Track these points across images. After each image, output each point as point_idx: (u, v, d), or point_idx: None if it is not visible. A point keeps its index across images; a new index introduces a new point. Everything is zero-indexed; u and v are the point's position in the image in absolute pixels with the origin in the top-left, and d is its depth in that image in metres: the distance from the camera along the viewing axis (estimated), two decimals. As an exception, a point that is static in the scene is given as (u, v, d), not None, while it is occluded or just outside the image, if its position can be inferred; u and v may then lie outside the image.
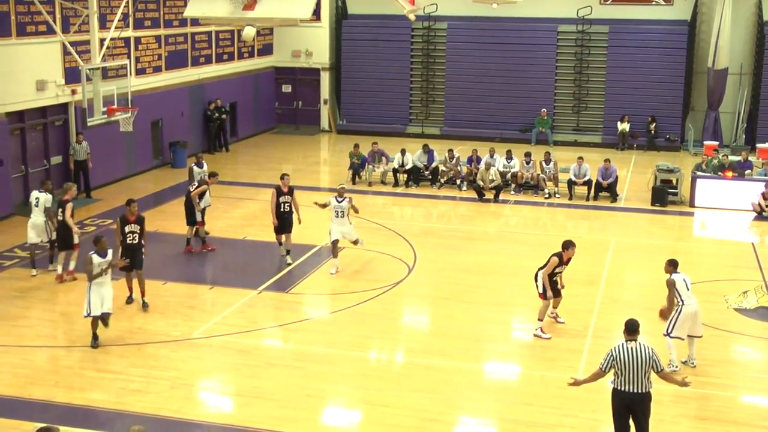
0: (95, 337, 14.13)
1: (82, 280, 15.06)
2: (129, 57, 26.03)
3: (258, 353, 14.17)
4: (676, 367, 13.44)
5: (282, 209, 18.60)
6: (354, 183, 26.57)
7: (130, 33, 26.33)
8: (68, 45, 21.85)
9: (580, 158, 25.59)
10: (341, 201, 18.42)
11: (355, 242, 18.79)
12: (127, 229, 15.93)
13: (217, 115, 31.10)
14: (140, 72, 27.13)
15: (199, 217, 19.52)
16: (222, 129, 31.75)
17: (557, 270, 15.06)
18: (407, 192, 25.90)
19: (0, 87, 21.32)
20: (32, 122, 23.05)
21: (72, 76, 23.40)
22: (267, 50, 35.98)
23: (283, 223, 18.67)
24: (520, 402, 12.59)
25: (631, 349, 10.38)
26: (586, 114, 34.06)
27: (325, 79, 36.22)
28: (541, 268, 15.10)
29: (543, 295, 14.98)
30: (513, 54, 33.85)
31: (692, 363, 13.75)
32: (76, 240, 17.66)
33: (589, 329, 15.32)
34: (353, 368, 13.65)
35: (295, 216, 18.81)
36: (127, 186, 25.44)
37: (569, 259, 15.20)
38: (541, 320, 15.01)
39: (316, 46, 35.93)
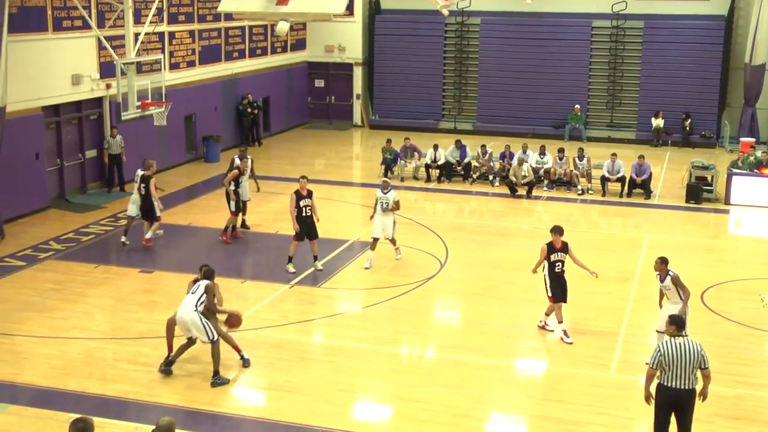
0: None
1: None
2: (163, 51, 26.21)
3: (290, 347, 14.22)
4: None
5: (304, 213, 17.45)
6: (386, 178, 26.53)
7: (164, 28, 26.51)
8: (103, 40, 22.05)
9: (614, 154, 25.40)
10: (386, 193, 18.44)
11: (393, 242, 18.60)
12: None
13: (249, 110, 31.22)
14: (174, 66, 27.31)
15: (232, 207, 19.58)
16: (255, 124, 31.88)
17: (554, 258, 14.76)
18: (439, 187, 25.87)
19: (36, 81, 21.54)
20: (67, 116, 23.29)
21: (107, 70, 23.61)
22: (300, 45, 36.07)
23: (308, 228, 17.59)
24: (551, 399, 12.54)
25: (680, 344, 10.27)
26: (620, 110, 33.81)
27: (357, 74, 36.24)
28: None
29: (551, 297, 14.75)
30: (547, 49, 33.67)
31: None
32: (158, 212, 19.01)
33: (621, 327, 15.23)
34: (384, 363, 13.67)
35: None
36: (160, 180, 25.50)
37: (564, 246, 14.87)
38: (561, 322, 14.84)
39: (349, 41, 35.97)
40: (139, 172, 19.36)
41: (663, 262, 13.49)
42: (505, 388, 12.99)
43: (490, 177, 26.11)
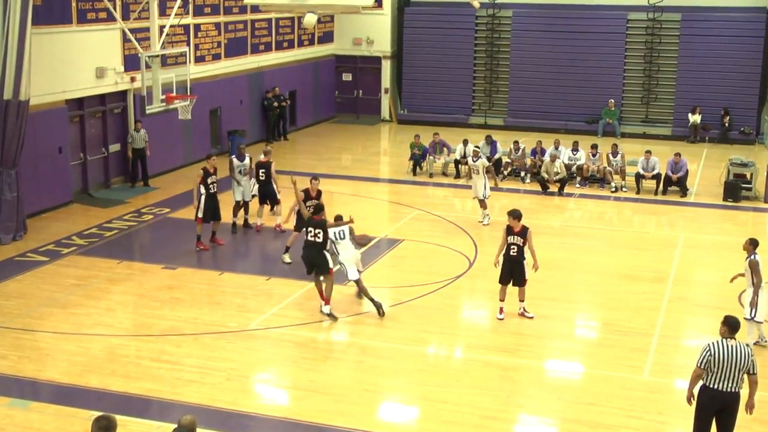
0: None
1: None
2: (188, 44, 26.33)
3: (315, 346, 14.25)
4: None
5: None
6: (414, 174, 26.57)
7: (189, 20, 26.63)
8: (128, 32, 22.16)
9: (649, 151, 25.21)
10: (476, 161, 21.18)
11: (482, 201, 21.10)
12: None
13: (276, 104, 31.30)
14: (199, 59, 27.43)
15: (199, 213, 18.65)
16: (281, 118, 31.97)
17: (510, 241, 15.27)
18: (469, 184, 25.72)
19: (60, 74, 21.71)
20: (91, 110, 23.45)
21: (131, 63, 23.75)
22: (327, 38, 36.12)
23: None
24: (582, 401, 12.47)
25: (731, 347, 10.15)
26: (656, 105, 33.55)
27: (386, 67, 36.24)
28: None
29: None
30: (580, 42, 33.49)
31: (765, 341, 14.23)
32: (278, 195, 19.94)
33: (655, 328, 15.10)
34: (411, 363, 13.65)
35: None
36: (184, 175, 25.75)
37: (522, 230, 15.19)
38: (502, 300, 15.38)
39: (377, 34, 35.97)
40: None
41: (751, 243, 14.10)
42: (535, 389, 12.93)
43: (521, 173, 26.02)
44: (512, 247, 15.26)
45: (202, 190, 18.67)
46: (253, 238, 20.11)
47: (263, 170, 19.98)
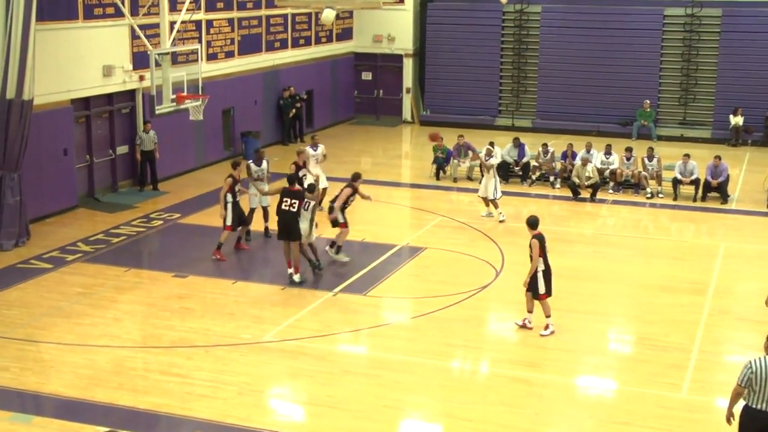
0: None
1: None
2: (200, 41, 26.44)
3: (332, 359, 14.25)
4: None
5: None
6: (438, 179, 26.55)
7: (201, 16, 26.75)
8: (137, 28, 22.28)
9: (687, 155, 25.09)
10: (489, 159, 21.99)
11: (493, 202, 22.00)
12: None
13: (294, 103, 31.33)
14: (212, 57, 27.54)
15: (228, 221, 18.85)
16: (297, 118, 32.04)
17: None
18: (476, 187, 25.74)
19: (65, 72, 21.84)
20: (98, 110, 23.57)
21: (140, 61, 23.87)
22: (346, 35, 36.19)
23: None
24: (616, 421, 12.40)
25: None
26: (695, 106, 33.38)
27: (408, 66, 36.24)
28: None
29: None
30: (613, 40, 33.37)
31: None
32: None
33: (694, 343, 15.00)
34: (434, 378, 13.62)
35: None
36: (196, 178, 25.87)
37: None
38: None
39: (399, 30, 35.98)
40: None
41: None
42: (566, 407, 12.87)
43: (551, 178, 25.95)
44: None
45: (229, 198, 18.79)
46: (269, 245, 20.13)
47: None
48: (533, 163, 26.33)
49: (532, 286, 15.16)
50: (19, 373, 13.45)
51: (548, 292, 15.18)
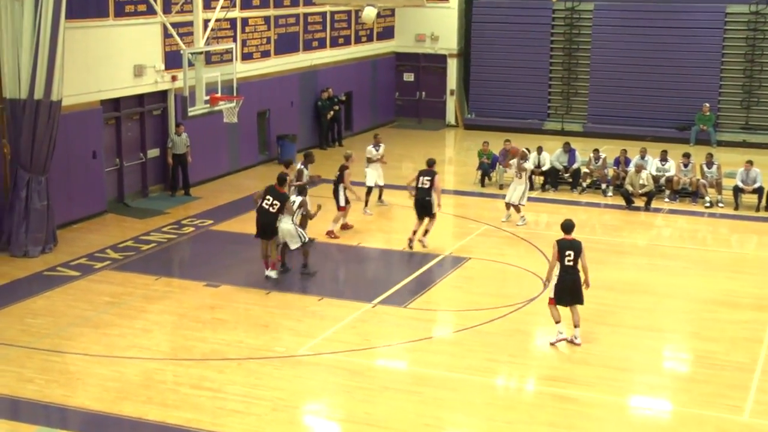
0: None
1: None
2: (235, 40, 26.59)
3: (371, 375, 14.22)
4: None
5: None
6: (483, 185, 26.49)
7: (236, 13, 26.90)
8: (169, 27, 22.44)
9: (750, 162, 24.82)
10: (524, 162, 22.31)
11: (516, 207, 22.11)
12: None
13: (332, 106, 31.38)
14: (247, 57, 27.69)
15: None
16: (335, 121, 32.10)
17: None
18: (543, 197, 25.62)
19: (95, 72, 22.05)
20: (128, 111, 23.77)
21: (173, 60, 24.04)
22: (388, 34, 36.23)
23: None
24: (673, 444, 12.26)
25: None
26: (758, 110, 33.03)
27: (452, 66, 36.23)
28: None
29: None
30: (671, 39, 33.12)
31: None
32: (342, 203, 21.19)
33: (757, 363, 14.79)
34: (478, 396, 13.55)
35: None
36: (229, 183, 25.99)
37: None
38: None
39: (443, 29, 35.98)
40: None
41: None
42: (618, 429, 12.74)
43: (603, 186, 25.79)
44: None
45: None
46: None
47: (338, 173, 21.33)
48: (584, 169, 26.18)
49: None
50: (45, 386, 13.55)
51: (556, 299, 15.33)
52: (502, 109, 35.13)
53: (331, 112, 31.53)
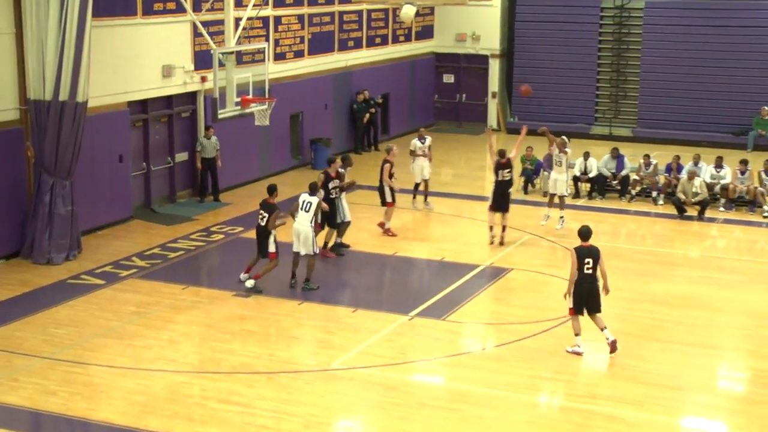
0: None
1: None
2: (267, 40, 26.71)
3: (407, 390, 14.20)
4: None
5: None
6: (526, 192, 26.42)
7: (269, 12, 27.03)
8: (199, 25, 22.56)
9: (812, 168, 24.63)
10: (561, 153, 22.44)
11: (561, 199, 22.55)
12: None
13: (368, 108, 31.42)
14: (279, 57, 27.81)
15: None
16: (372, 125, 32.14)
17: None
18: (590, 204, 25.52)
19: (122, 72, 22.22)
20: (156, 113, 23.93)
21: (202, 60, 24.19)
22: (426, 33, 36.25)
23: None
24: (727, 467, 12.15)
25: None
26: (820, 114, 32.72)
27: (494, 68, 36.21)
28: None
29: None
30: (726, 39, 32.90)
31: None
32: (388, 198, 21.86)
33: (820, 382, 14.67)
34: (520, 414, 13.51)
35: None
36: (260, 189, 25.91)
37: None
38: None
39: (484, 28, 35.98)
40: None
41: None
42: (669, 451, 12.66)
43: (654, 194, 25.64)
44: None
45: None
46: (338, 262, 20.20)
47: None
48: (633, 176, 26.06)
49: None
50: (68, 398, 13.66)
51: (574, 307, 15.41)
52: (547, 113, 34.94)
53: (367, 115, 31.57)
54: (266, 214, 17.82)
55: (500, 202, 21.37)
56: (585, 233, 15.66)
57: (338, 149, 29.86)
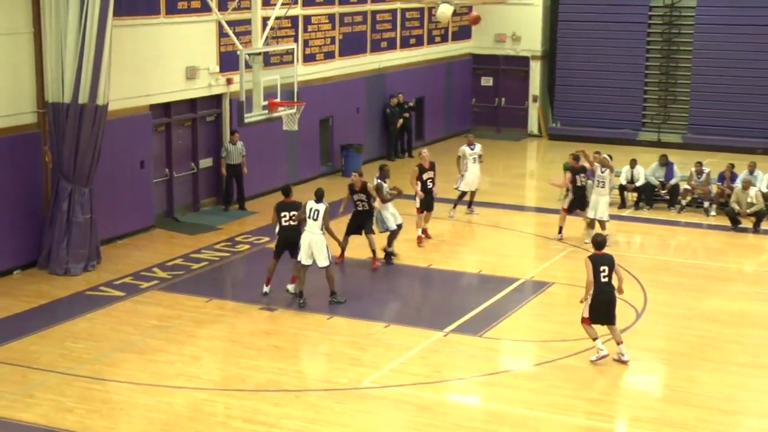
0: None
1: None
2: (296, 40, 26.81)
3: (442, 411, 14.17)
4: None
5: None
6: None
7: (298, 11, 27.13)
8: (225, 25, 22.64)
9: None
10: (604, 172, 22.41)
11: (602, 224, 22.20)
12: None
13: (402, 113, 31.42)
14: (309, 58, 27.90)
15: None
16: (406, 130, 32.14)
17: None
18: (637, 215, 25.40)
19: (144, 74, 22.36)
20: (179, 117, 24.06)
21: (228, 62, 24.32)
22: (464, 33, 36.26)
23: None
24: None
25: None
26: None
27: (535, 70, 36.16)
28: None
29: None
30: (785, 40, 32.76)
31: None
32: (417, 204, 22.23)
33: None
34: (562, 437, 13.45)
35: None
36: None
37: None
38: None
39: (525, 28, 35.94)
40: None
41: None
42: (721, 478, 12.55)
43: (705, 204, 25.51)
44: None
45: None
46: (370, 274, 20.21)
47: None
48: (684, 185, 25.90)
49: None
50: (85, 416, 13.71)
51: (592, 317, 15.67)
52: (591, 118, 34.91)
53: (401, 120, 31.57)
54: (294, 212, 18.29)
55: (583, 202, 22.58)
56: (600, 242, 15.95)
57: (370, 155, 29.93)
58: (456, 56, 35.92)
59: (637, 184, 26.00)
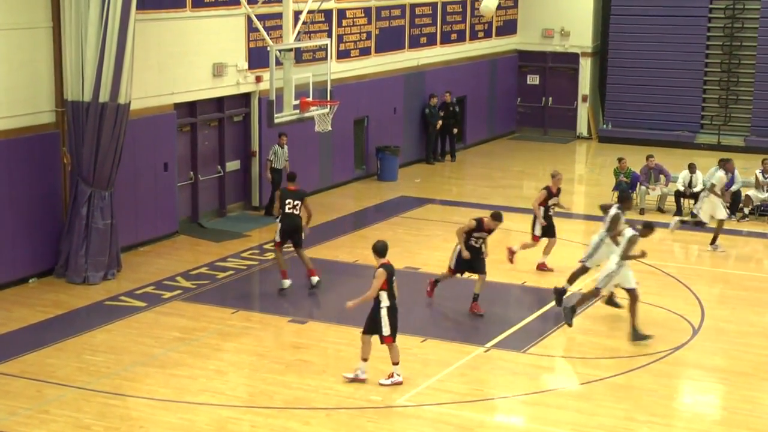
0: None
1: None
2: (330, 35, 26.88)
3: (483, 431, 14.16)
4: None
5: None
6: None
7: (332, 4, 27.20)
8: (255, 19, 22.74)
9: None
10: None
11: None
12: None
13: (443, 113, 31.45)
14: (343, 55, 27.97)
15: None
16: (447, 132, 32.12)
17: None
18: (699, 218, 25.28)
19: (168, 71, 22.50)
20: (205, 117, 24.19)
21: (257, 59, 24.43)
22: (509, 29, 36.24)
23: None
24: None
25: None
26: None
27: (585, 68, 36.08)
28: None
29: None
30: None
31: None
32: (536, 232, 21.28)
33: None
34: (611, 461, 13.42)
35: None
36: (320, 202, 26.13)
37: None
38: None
39: (575, 23, 35.88)
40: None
41: None
42: (783, 506, 12.47)
43: (770, 212, 25.47)
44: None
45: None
46: (404, 286, 20.23)
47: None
48: (746, 192, 25.76)
49: (371, 326, 15.24)
50: (104, 433, 13.84)
51: (393, 336, 15.24)
52: (645, 119, 34.81)
53: (440, 122, 31.47)
54: (298, 201, 19.14)
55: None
56: (383, 249, 15.53)
57: (408, 158, 29.96)
58: (500, 53, 35.90)
59: (696, 190, 25.76)
